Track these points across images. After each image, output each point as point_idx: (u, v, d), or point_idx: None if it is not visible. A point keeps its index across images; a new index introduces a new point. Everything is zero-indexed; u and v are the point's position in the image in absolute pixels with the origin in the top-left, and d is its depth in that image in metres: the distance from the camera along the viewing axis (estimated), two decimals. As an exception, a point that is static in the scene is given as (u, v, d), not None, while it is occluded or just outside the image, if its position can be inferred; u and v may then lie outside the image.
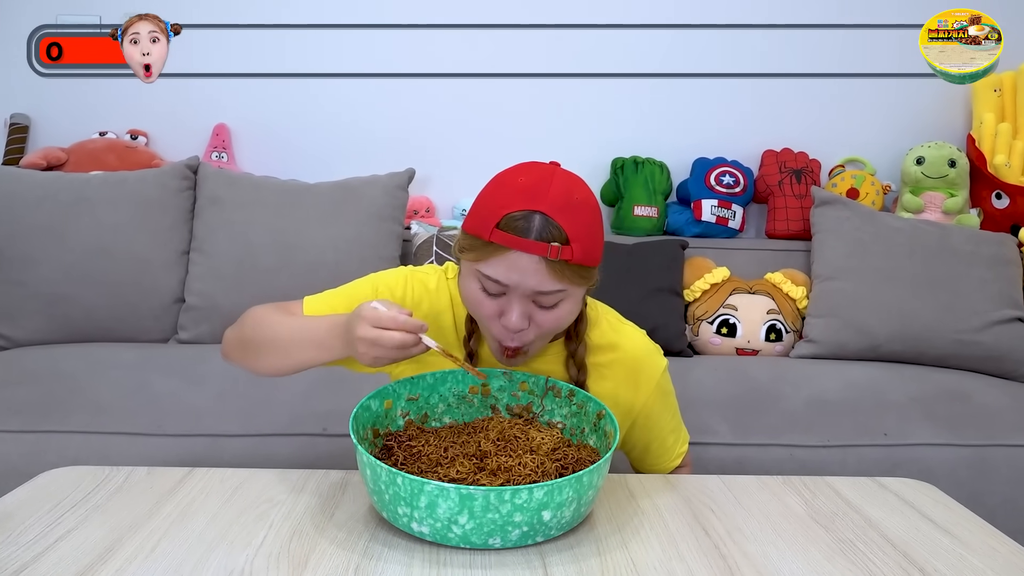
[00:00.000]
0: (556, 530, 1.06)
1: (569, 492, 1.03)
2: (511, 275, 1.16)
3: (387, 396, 1.27)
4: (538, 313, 1.21)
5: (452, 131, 3.12)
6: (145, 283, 2.63)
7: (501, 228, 1.15)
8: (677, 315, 2.68)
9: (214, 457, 1.98)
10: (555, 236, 1.14)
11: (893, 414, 2.19)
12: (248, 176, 2.84)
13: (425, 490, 1.00)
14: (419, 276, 1.42)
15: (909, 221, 2.78)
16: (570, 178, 1.21)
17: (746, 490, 1.29)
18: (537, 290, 1.17)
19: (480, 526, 1.01)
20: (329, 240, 2.66)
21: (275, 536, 1.08)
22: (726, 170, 3.02)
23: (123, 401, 2.10)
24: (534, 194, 1.16)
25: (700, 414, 2.14)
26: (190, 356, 2.37)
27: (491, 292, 1.20)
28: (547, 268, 1.15)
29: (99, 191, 2.66)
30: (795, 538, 1.13)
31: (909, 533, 1.16)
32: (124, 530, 1.08)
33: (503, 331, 1.23)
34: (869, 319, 2.59)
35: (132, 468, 1.29)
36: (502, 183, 1.21)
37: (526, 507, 1.00)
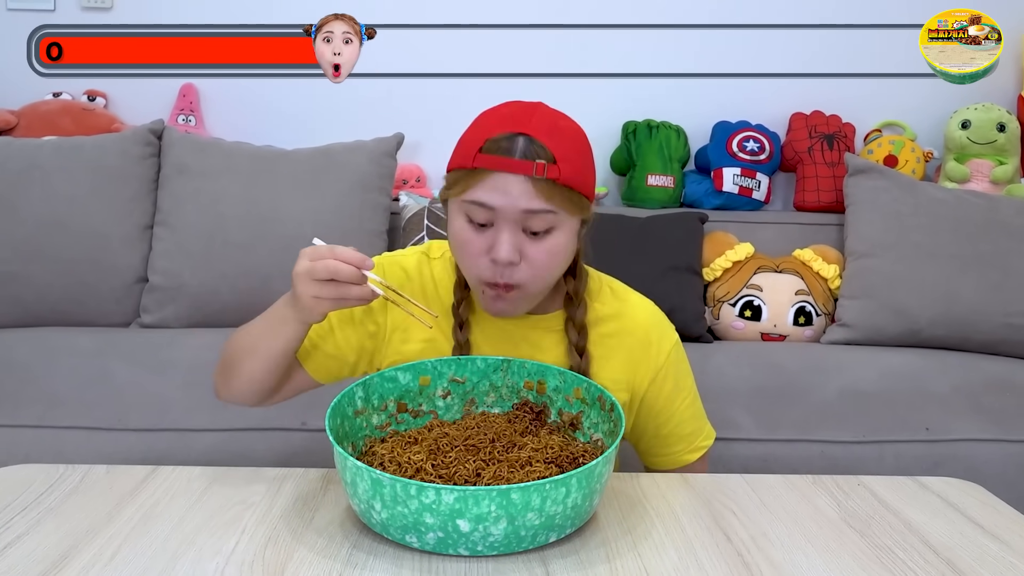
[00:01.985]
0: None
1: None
2: (497, 196, 1.20)
3: (424, 372, 1.32)
4: (529, 245, 1.24)
5: (445, 90, 3.11)
6: (104, 261, 2.62)
7: (484, 152, 1.20)
8: (695, 296, 2.68)
9: (180, 454, 1.98)
10: (540, 155, 1.20)
11: (935, 406, 2.19)
12: (218, 142, 2.83)
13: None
14: (395, 259, 1.44)
15: (953, 192, 2.77)
16: (555, 111, 1.28)
17: (772, 490, 1.29)
18: (525, 209, 1.20)
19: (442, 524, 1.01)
20: (308, 213, 2.65)
21: (248, 542, 1.07)
22: (750, 135, 3.01)
23: (79, 392, 2.09)
24: (517, 119, 1.23)
25: (721, 406, 2.13)
26: (154, 342, 2.37)
27: (478, 221, 1.23)
28: (534, 187, 1.20)
29: (52, 158, 2.65)
30: (826, 544, 1.12)
31: (953, 538, 1.15)
32: (80, 535, 1.08)
33: (492, 269, 1.25)
34: (909, 301, 2.59)
35: (89, 466, 1.29)
36: (484, 116, 1.28)
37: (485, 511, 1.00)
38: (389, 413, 1.31)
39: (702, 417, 1.49)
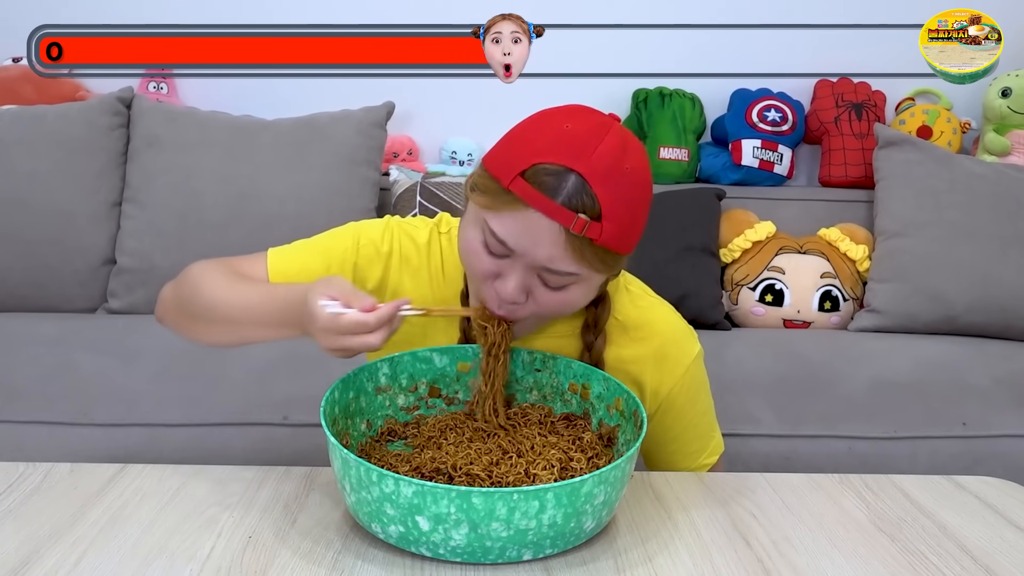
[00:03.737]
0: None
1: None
2: (521, 239, 1.14)
3: (464, 357, 1.33)
4: (540, 290, 1.19)
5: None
6: (68, 241, 2.62)
7: (526, 179, 1.12)
8: (712, 279, 2.68)
9: (151, 451, 1.98)
10: (586, 207, 1.11)
11: (974, 399, 2.19)
12: (193, 111, 2.83)
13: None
14: (406, 229, 1.41)
15: (992, 165, 2.76)
16: (626, 140, 1.17)
17: (795, 491, 1.29)
18: (546, 266, 1.15)
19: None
20: (291, 189, 2.65)
21: (225, 547, 1.07)
22: (771, 104, 3.01)
23: (41, 384, 2.09)
24: (577, 148, 1.13)
25: (740, 399, 2.14)
26: (122, 329, 2.37)
27: (493, 251, 1.18)
28: (566, 242, 1.12)
29: (11, 129, 2.65)
30: (855, 549, 1.13)
31: (992, 543, 1.16)
32: (42, 540, 1.08)
33: (493, 295, 1.21)
34: (945, 284, 2.58)
35: (52, 464, 1.29)
36: (543, 123, 1.18)
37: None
38: (419, 396, 1.32)
39: (712, 431, 1.48)
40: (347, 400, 1.23)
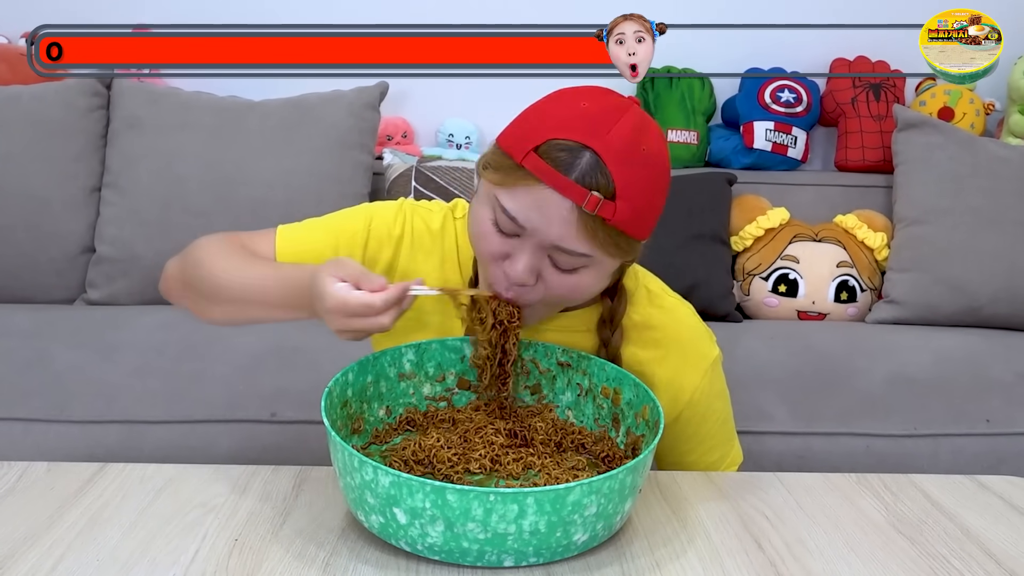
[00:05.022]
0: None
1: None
2: (532, 216, 1.15)
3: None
4: (550, 272, 1.20)
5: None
6: (44, 228, 2.62)
7: (539, 154, 1.13)
8: (722, 269, 2.68)
9: (132, 449, 1.99)
10: (600, 185, 1.12)
11: (997, 395, 2.19)
12: (176, 92, 2.83)
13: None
14: (420, 212, 1.42)
15: (1018, 149, 2.77)
16: (645, 122, 1.19)
17: (810, 491, 1.29)
18: (557, 244, 1.16)
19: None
20: (279, 174, 2.65)
21: (210, 550, 1.07)
22: (785, 84, 3.01)
23: (15, 378, 2.10)
24: (594, 126, 1.14)
25: (753, 395, 2.14)
26: (101, 321, 2.37)
27: (503, 229, 1.19)
28: (578, 220, 1.13)
29: (-16, 111, 2.64)
30: (872, 552, 1.13)
31: (1017, 546, 1.16)
32: (17, 543, 1.08)
33: (501, 277, 1.22)
34: (967, 274, 2.59)
35: (27, 464, 1.29)
36: (560, 101, 1.20)
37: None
38: (447, 387, 1.33)
39: (730, 441, 1.48)
40: (363, 383, 1.25)
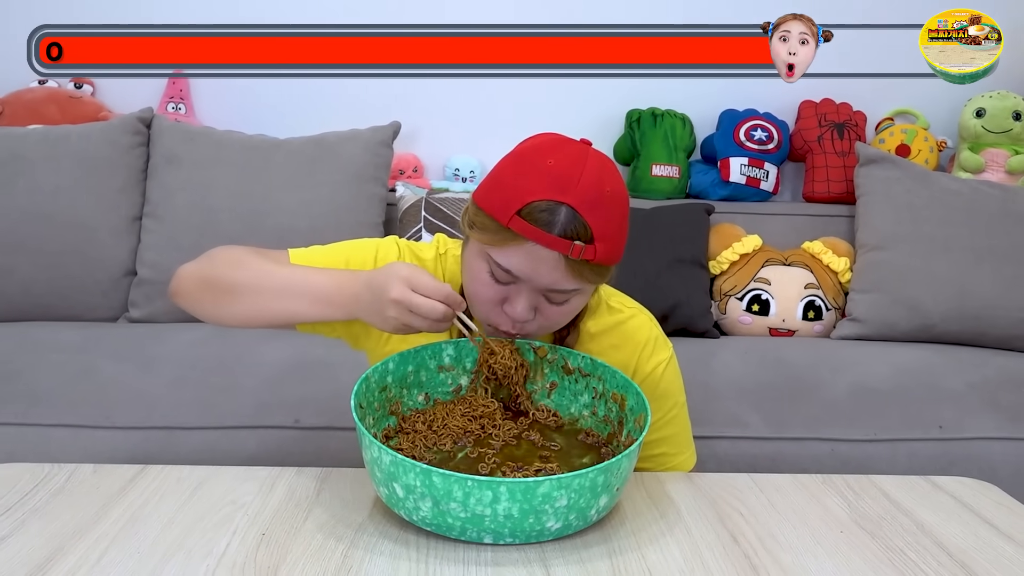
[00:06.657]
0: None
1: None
2: (525, 268, 1.19)
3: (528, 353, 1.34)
4: (545, 306, 1.25)
5: (443, 78, 3.10)
6: (91, 253, 2.62)
7: (523, 217, 1.16)
8: (701, 290, 2.68)
9: (169, 453, 1.98)
10: (580, 234, 1.16)
11: (949, 403, 2.19)
12: (209, 131, 2.83)
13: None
14: (413, 247, 1.44)
15: (968, 182, 2.77)
16: (602, 164, 1.22)
17: (781, 490, 1.29)
18: (551, 288, 1.21)
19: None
20: (302, 204, 2.65)
21: (240, 544, 1.07)
22: (758, 123, 3.01)
23: (65, 388, 2.09)
24: (563, 183, 1.17)
25: (728, 404, 2.13)
26: (142, 337, 2.36)
27: (499, 279, 1.23)
28: (566, 266, 1.18)
29: (38, 148, 2.65)
30: (836, 546, 1.12)
31: (967, 540, 1.15)
32: (66, 537, 1.08)
33: (503, 318, 1.26)
34: (922, 295, 2.58)
35: (76, 465, 1.29)
36: (527, 161, 1.22)
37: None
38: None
39: (683, 446, 1.47)
40: (404, 372, 1.28)
